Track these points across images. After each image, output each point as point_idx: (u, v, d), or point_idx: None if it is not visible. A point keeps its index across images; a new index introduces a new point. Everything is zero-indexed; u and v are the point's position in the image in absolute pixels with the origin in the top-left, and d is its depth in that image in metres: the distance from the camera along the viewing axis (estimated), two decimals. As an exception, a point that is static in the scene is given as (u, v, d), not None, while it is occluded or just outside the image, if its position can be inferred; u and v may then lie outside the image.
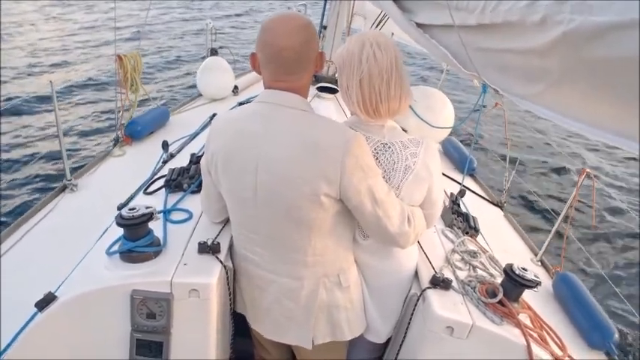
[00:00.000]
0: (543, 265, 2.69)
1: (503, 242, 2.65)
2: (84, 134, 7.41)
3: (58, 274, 1.69)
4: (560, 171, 7.66)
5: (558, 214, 2.67)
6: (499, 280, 1.75)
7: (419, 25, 1.72)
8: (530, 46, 1.09)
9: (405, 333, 1.78)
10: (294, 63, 1.43)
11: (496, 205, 3.40)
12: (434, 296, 1.67)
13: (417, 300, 1.74)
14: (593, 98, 1.00)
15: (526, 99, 1.22)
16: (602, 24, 0.86)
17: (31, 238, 2.31)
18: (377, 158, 1.58)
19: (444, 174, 3.11)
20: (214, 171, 1.57)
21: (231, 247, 1.78)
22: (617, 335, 1.94)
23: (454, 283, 1.74)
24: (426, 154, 1.59)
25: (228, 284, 1.72)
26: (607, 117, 1.00)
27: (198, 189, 2.04)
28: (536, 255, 2.75)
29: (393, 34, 3.97)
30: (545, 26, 1.01)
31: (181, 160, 2.57)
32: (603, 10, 0.86)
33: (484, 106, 1.93)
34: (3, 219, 5.01)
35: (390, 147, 1.59)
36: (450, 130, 3.61)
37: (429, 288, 1.70)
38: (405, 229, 1.53)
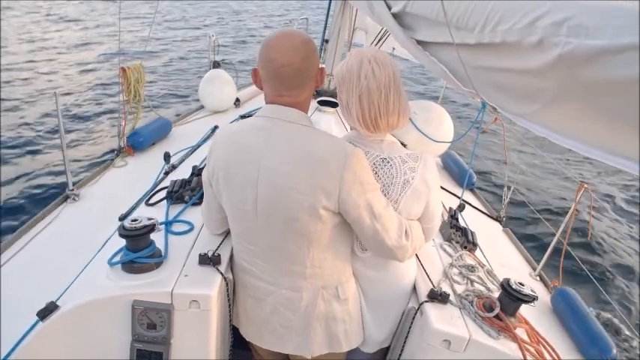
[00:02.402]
0: (542, 279, 2.69)
1: (502, 257, 2.66)
2: (86, 145, 7.43)
3: (59, 283, 1.71)
4: (559, 186, 7.67)
5: (557, 228, 2.68)
6: (496, 294, 1.76)
7: (419, 42, 1.75)
8: (528, 66, 1.11)
9: (403, 346, 1.79)
10: (294, 79, 1.46)
11: (495, 219, 3.41)
12: (431, 310, 1.68)
13: (415, 313, 1.75)
14: (588, 118, 1.02)
15: (523, 117, 1.25)
16: (597, 47, 0.88)
17: (33, 247, 2.31)
18: (376, 172, 1.60)
19: (443, 188, 3.13)
20: (215, 183, 1.60)
21: (231, 259, 1.80)
22: (614, 350, 1.94)
23: (452, 297, 1.75)
24: (424, 168, 1.61)
25: (228, 296, 1.73)
26: (601, 137, 1.02)
27: (199, 201, 2.06)
28: (534, 270, 2.76)
29: (394, 48, 4.02)
30: (542, 48, 1.04)
31: (183, 172, 2.59)
32: (598, 34, 0.89)
33: (483, 123, 1.96)
34: (5, 228, 5.02)
35: (388, 162, 1.61)
36: (449, 144, 3.64)
37: (426, 302, 1.71)
38: (403, 242, 1.54)
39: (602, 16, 0.90)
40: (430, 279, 1.83)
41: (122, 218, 2.21)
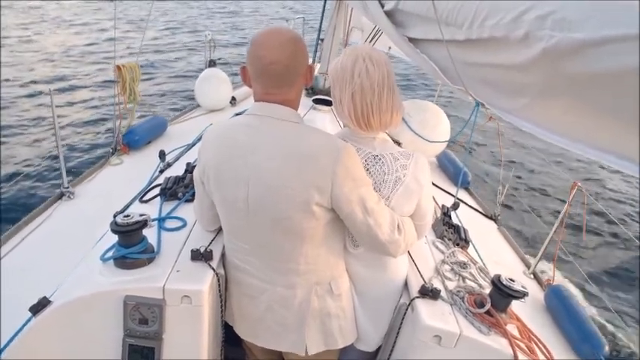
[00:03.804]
0: (536, 277, 2.71)
1: (496, 255, 2.68)
2: (82, 143, 7.43)
3: (53, 279, 1.71)
4: (554, 184, 7.69)
5: (552, 227, 2.69)
6: (488, 291, 1.76)
7: (410, 40, 1.76)
8: (514, 61, 1.12)
9: (395, 342, 1.79)
10: (282, 76, 1.45)
11: (490, 218, 3.42)
12: (422, 306, 1.68)
13: (406, 309, 1.75)
14: (574, 112, 1.03)
15: (510, 113, 1.26)
16: (579, 41, 0.89)
17: (28, 245, 2.32)
18: (367, 169, 1.60)
19: (438, 187, 3.14)
20: (207, 181, 1.59)
21: (223, 256, 1.80)
22: (607, 347, 1.95)
23: (443, 293, 1.75)
24: (415, 166, 1.61)
25: (219, 291, 1.74)
26: (587, 131, 1.03)
27: (192, 197, 2.06)
28: (529, 268, 2.77)
29: (389, 47, 4.03)
30: (527, 42, 1.05)
31: (178, 170, 2.59)
32: (580, 27, 0.90)
33: (482, 118, 1.97)
34: (0, 225, 5.02)
35: (380, 159, 1.61)
36: (445, 144, 3.65)
37: (417, 297, 1.72)
38: (396, 237, 1.54)
39: (585, 10, 0.90)
40: (422, 275, 1.83)
41: (117, 215, 2.22)
